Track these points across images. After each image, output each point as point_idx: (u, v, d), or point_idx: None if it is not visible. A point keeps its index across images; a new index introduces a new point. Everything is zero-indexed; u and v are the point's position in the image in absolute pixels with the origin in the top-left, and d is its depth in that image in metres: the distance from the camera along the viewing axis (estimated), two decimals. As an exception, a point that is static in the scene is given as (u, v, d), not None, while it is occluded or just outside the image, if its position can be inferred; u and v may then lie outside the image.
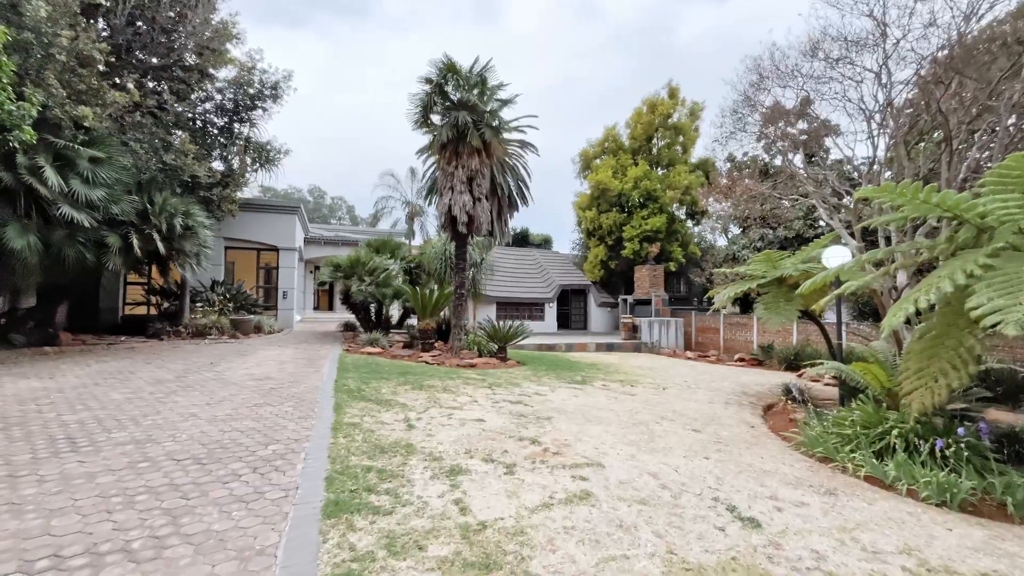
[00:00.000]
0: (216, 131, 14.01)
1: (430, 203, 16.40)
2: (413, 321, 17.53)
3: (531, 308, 21.87)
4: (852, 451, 5.70)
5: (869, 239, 11.69)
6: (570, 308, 23.06)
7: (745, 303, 20.91)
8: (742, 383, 12.58)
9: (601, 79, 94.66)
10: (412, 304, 14.01)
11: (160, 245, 9.97)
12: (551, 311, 21.99)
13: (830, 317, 14.58)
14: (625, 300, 22.47)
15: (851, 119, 10.70)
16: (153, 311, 14.97)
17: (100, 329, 14.27)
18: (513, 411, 7.10)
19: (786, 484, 4.79)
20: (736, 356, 17.90)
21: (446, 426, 6.04)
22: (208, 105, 13.41)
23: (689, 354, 18.35)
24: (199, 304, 14.42)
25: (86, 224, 8.83)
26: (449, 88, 12.83)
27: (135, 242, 9.70)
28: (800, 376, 13.61)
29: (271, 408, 6.38)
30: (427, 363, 11.75)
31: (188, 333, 13.33)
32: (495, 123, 12.84)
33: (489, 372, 11.03)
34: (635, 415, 7.61)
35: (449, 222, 12.52)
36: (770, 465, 5.42)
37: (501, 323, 13.21)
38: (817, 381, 13.09)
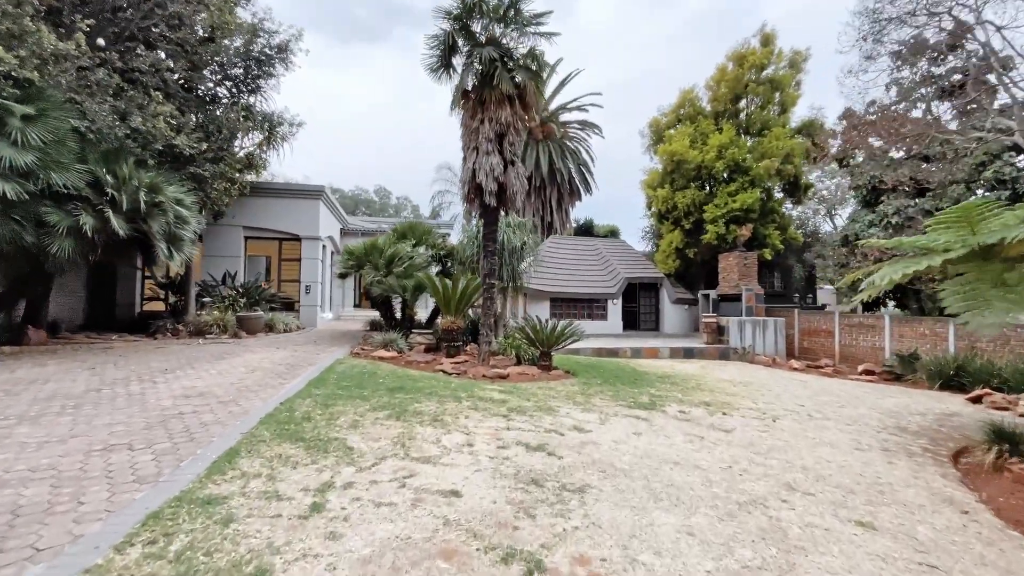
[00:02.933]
0: (224, 101, 12.32)
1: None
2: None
3: (591, 305, 18.67)
4: None
5: None
6: (638, 305, 19.55)
7: (870, 299, 16.33)
8: (887, 410, 8.80)
9: (676, 67, 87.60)
10: (435, 298, 11.48)
11: (116, 224, 8.19)
12: (615, 309, 18.65)
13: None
14: (706, 296, 18.62)
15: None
16: (167, 307, 13.70)
17: (114, 325, 13.14)
18: (524, 469, 4.20)
19: None
20: (860, 368, 13.63)
21: (383, 507, 3.29)
22: (206, 72, 11.70)
23: (794, 363, 14.30)
24: (207, 299, 12.88)
25: (11, 196, 7.08)
26: (476, 27, 10.11)
27: (86, 221, 7.95)
28: (978, 401, 9.50)
29: (114, 456, 3.97)
30: (444, 373, 9.13)
31: (187, 331, 11.73)
32: (533, 65, 9.94)
33: (520, 387, 8.17)
34: (739, 479, 4.42)
35: (474, 192, 9.80)
36: None
37: (546, 322, 10.29)
38: (1007, 409, 9.02)
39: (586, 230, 33.01)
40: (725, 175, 17.35)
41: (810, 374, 13.40)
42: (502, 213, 10.57)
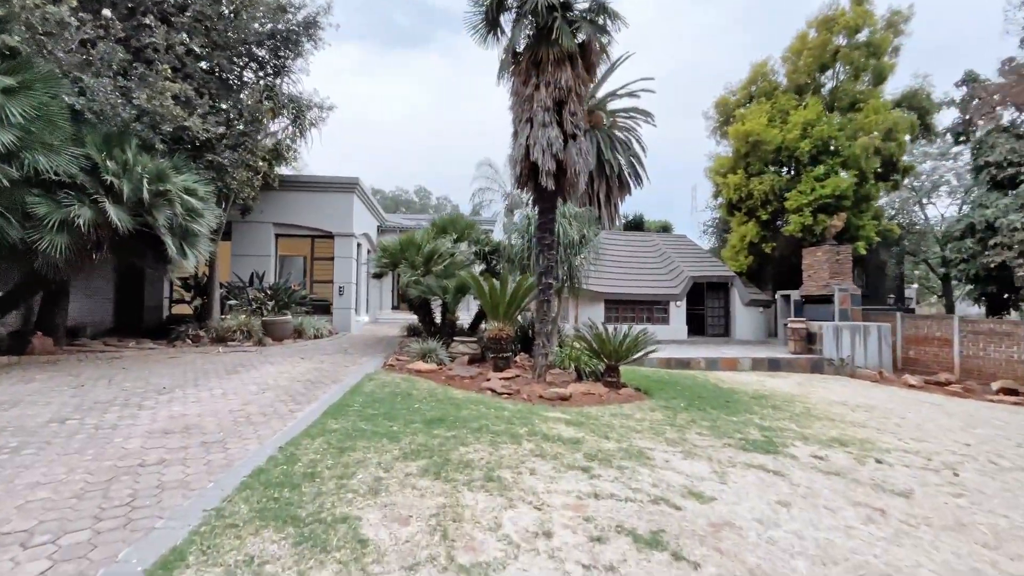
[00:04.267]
0: (250, 83, 11.15)
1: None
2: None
3: (651, 308, 16.63)
4: None
5: None
6: (704, 308, 17.34)
7: (998, 300, 13.53)
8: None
9: (723, 61, 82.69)
10: (480, 301, 9.91)
11: (115, 217, 7.05)
12: (679, 312, 16.53)
13: None
14: (786, 297, 16.22)
15: None
16: (193, 310, 12.76)
17: (141, 330, 12.31)
18: (647, 600, 2.47)
19: None
20: (996, 386, 11.12)
21: None
22: (230, 52, 10.53)
23: (910, 379, 11.84)
24: (232, 302, 11.82)
25: (-15, 183, 5.99)
26: (530, -22, 8.41)
27: (81, 213, 6.82)
28: None
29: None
30: (493, 392, 7.52)
31: (209, 338, 10.64)
32: (600, 18, 8.16)
33: (589, 415, 6.45)
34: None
35: (528, 173, 8.13)
36: None
37: (614, 330, 8.51)
38: None
39: (636, 226, 30.81)
40: (811, 156, 14.92)
41: (934, 393, 10.96)
42: (560, 200, 8.84)
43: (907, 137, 15.10)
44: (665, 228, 31.84)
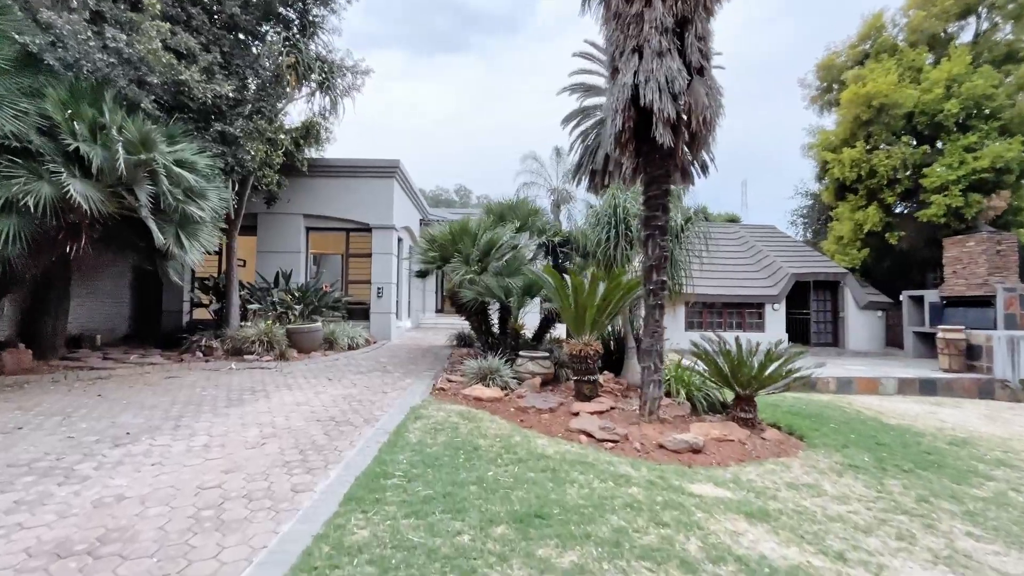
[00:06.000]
0: (272, 41, 9.29)
1: (579, 181, 9.82)
2: (560, 331, 11.15)
3: (742, 312, 13.87)
4: None
5: None
6: (810, 311, 14.39)
7: None
8: None
9: (775, 49, 77.61)
10: (556, 305, 7.63)
11: (78, 193, 5.23)
12: (776, 316, 13.69)
13: None
14: (916, 299, 13.08)
15: None
16: (213, 316, 11.10)
17: (157, 338, 10.73)
18: None
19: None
20: None
21: None
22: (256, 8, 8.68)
23: None
24: (255, 306, 10.02)
25: None
26: None
27: (35, 188, 5.03)
28: None
29: None
30: (589, 437, 5.28)
31: (224, 350, 8.85)
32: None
33: (753, 485, 4.09)
34: None
35: (632, 126, 5.72)
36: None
37: (755, 347, 6.08)
38: None
39: (702, 217, 27.74)
40: (956, 122, 11.79)
41: None
42: (673, 164, 6.40)
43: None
44: (733, 220, 28.73)
